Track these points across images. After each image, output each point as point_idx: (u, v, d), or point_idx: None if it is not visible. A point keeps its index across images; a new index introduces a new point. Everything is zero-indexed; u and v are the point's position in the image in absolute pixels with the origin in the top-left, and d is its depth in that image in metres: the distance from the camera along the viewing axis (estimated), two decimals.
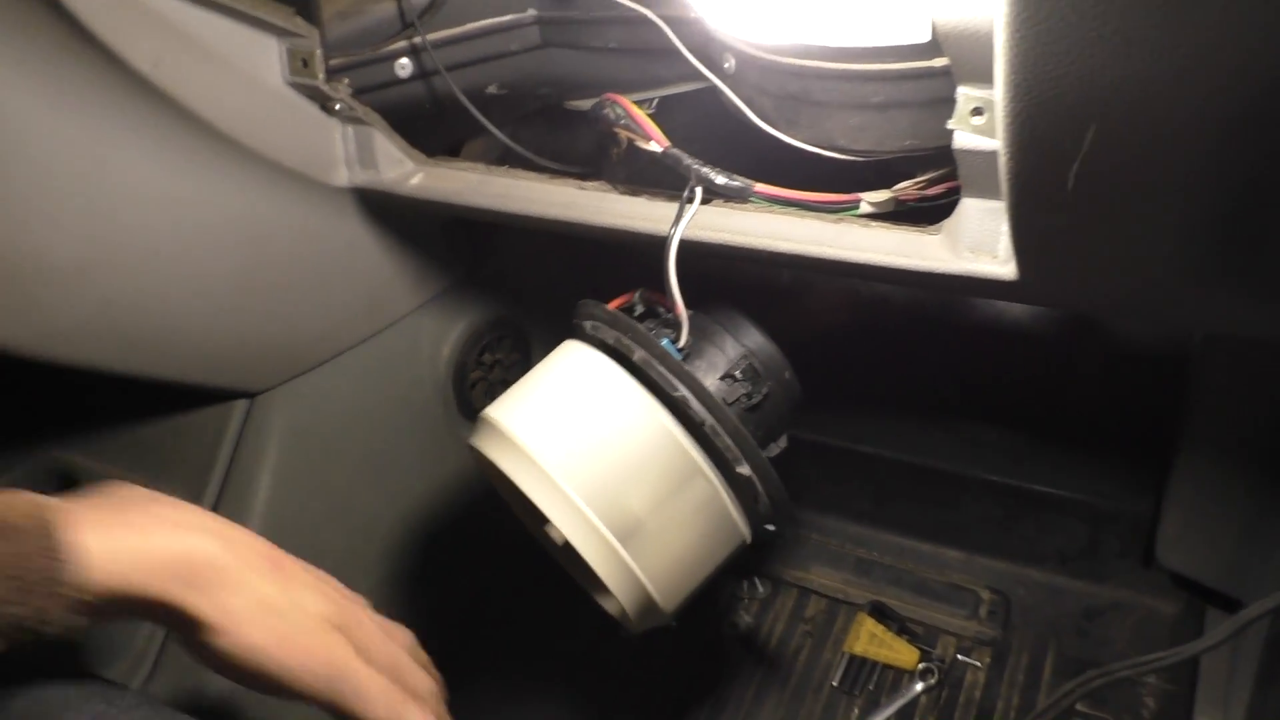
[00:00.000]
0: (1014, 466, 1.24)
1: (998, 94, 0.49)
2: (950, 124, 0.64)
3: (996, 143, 0.62)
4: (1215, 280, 0.55)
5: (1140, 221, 0.51)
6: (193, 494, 1.05)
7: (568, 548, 0.74)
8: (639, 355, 0.76)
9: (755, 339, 0.83)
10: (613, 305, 0.84)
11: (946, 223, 0.74)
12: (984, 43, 0.53)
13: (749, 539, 0.80)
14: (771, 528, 0.79)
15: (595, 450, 0.74)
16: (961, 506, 1.28)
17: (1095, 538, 1.22)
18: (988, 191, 0.68)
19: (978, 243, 0.71)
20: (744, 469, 0.75)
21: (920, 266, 0.74)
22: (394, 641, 0.69)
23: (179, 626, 0.58)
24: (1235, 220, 0.46)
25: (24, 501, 0.54)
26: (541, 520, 0.74)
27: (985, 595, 1.24)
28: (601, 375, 0.78)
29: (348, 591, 0.68)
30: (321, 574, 0.67)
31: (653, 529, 0.73)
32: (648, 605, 0.74)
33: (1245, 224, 0.46)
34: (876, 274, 0.78)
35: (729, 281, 1.02)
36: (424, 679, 0.70)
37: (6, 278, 0.76)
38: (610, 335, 0.79)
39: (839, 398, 1.27)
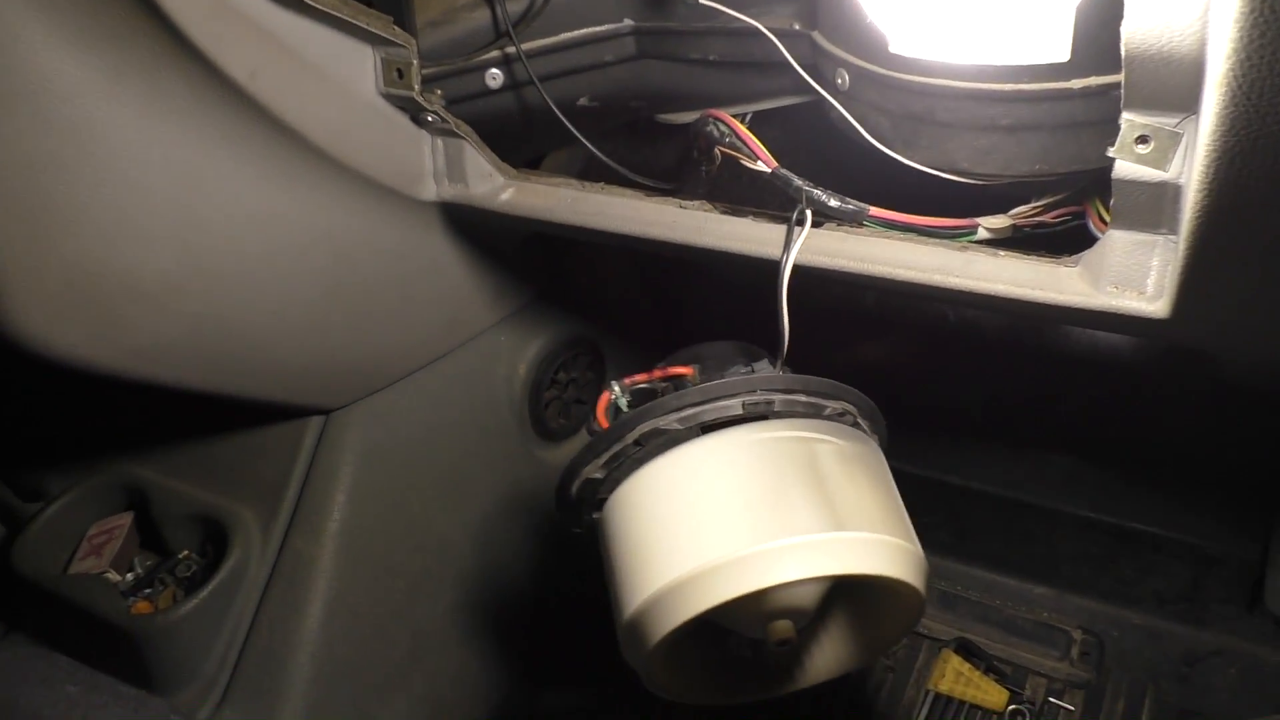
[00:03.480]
0: (1112, 503, 1.18)
1: (1203, 125, 0.44)
2: (1111, 152, 0.59)
3: (1163, 174, 0.58)
4: None
5: None
6: (266, 512, 1.02)
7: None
8: (780, 401, 0.71)
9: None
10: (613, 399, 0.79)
11: (1087, 255, 0.69)
12: (1178, 66, 0.49)
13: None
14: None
15: (771, 496, 0.67)
16: (1053, 542, 1.23)
17: (1198, 581, 1.16)
18: (1142, 224, 0.63)
19: (1123, 277, 0.66)
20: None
21: (1056, 300, 0.69)
22: None
23: None
24: None
25: None
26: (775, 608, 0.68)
27: (1077, 636, 1.19)
28: (737, 447, 0.71)
29: None
30: None
31: (845, 505, 0.67)
32: (913, 559, 0.67)
33: None
34: (1004, 306, 0.73)
35: (805, 304, 0.97)
36: None
37: (94, 296, 0.74)
38: (729, 407, 0.71)
39: (924, 425, 1.22)
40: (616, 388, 0.78)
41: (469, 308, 1.07)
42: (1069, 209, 0.76)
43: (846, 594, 0.77)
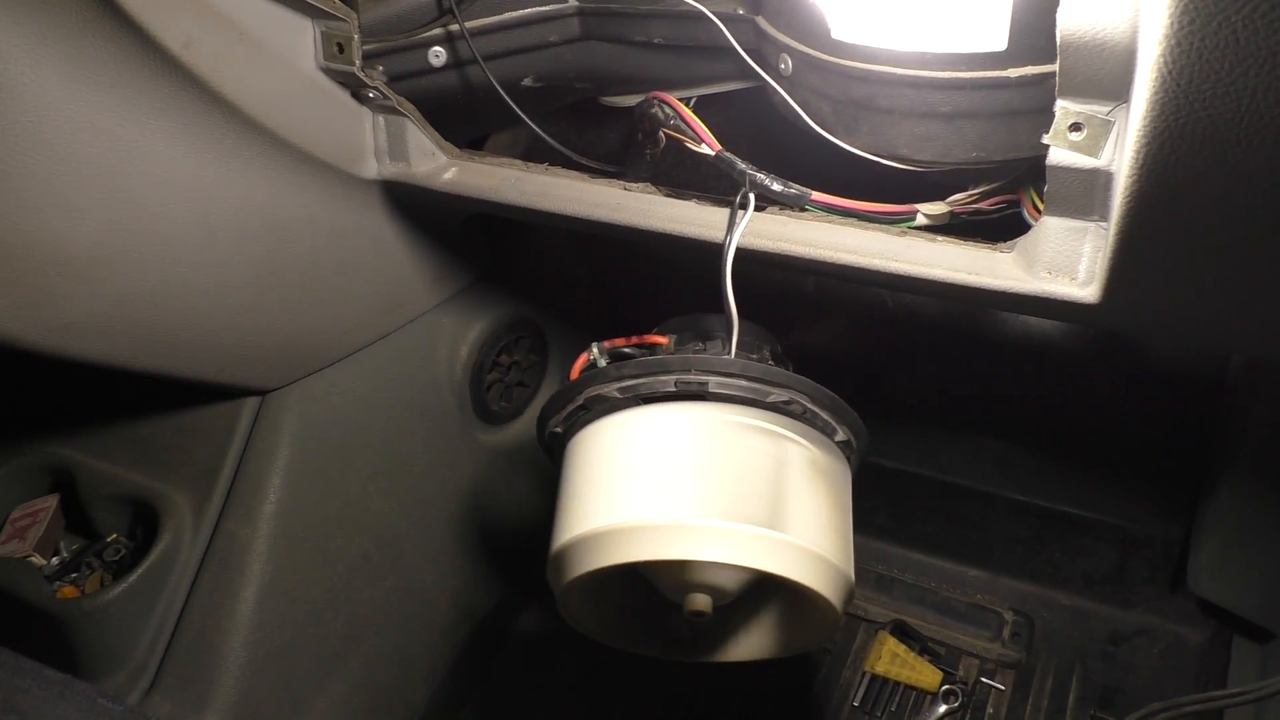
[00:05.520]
0: (1043, 487, 1.21)
1: (1134, 112, 0.45)
2: (1046, 139, 0.61)
3: (1095, 161, 0.59)
4: None
5: (1270, 256, 0.48)
6: (199, 494, 1.00)
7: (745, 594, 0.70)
8: (715, 382, 0.72)
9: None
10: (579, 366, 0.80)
11: (1021, 241, 0.70)
12: (1112, 54, 0.50)
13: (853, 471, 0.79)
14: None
15: (703, 476, 0.68)
16: (986, 525, 1.25)
17: (1124, 562, 1.19)
18: (1075, 210, 0.64)
19: (1056, 263, 0.68)
20: (842, 435, 0.77)
21: (991, 285, 0.71)
22: None
23: None
24: None
25: None
26: (686, 583, 0.68)
27: (1009, 617, 1.22)
28: (671, 424, 0.72)
29: None
30: None
31: (791, 509, 0.68)
32: (837, 578, 0.68)
33: None
34: (941, 291, 0.74)
35: (747, 287, 0.98)
36: None
37: (18, 269, 0.71)
38: (664, 383, 0.72)
39: (861, 410, 1.23)
40: (595, 349, 0.81)
41: (410, 288, 1.06)
42: (1004, 196, 0.77)
43: (774, 590, 0.79)
